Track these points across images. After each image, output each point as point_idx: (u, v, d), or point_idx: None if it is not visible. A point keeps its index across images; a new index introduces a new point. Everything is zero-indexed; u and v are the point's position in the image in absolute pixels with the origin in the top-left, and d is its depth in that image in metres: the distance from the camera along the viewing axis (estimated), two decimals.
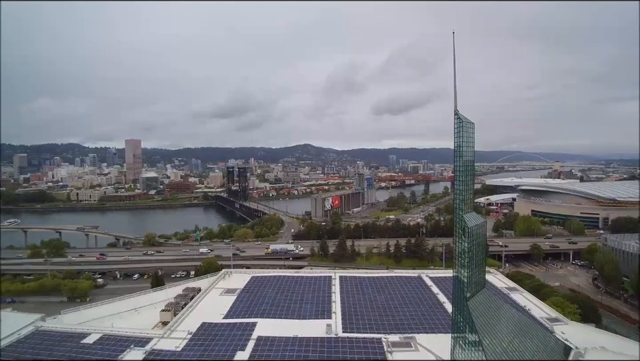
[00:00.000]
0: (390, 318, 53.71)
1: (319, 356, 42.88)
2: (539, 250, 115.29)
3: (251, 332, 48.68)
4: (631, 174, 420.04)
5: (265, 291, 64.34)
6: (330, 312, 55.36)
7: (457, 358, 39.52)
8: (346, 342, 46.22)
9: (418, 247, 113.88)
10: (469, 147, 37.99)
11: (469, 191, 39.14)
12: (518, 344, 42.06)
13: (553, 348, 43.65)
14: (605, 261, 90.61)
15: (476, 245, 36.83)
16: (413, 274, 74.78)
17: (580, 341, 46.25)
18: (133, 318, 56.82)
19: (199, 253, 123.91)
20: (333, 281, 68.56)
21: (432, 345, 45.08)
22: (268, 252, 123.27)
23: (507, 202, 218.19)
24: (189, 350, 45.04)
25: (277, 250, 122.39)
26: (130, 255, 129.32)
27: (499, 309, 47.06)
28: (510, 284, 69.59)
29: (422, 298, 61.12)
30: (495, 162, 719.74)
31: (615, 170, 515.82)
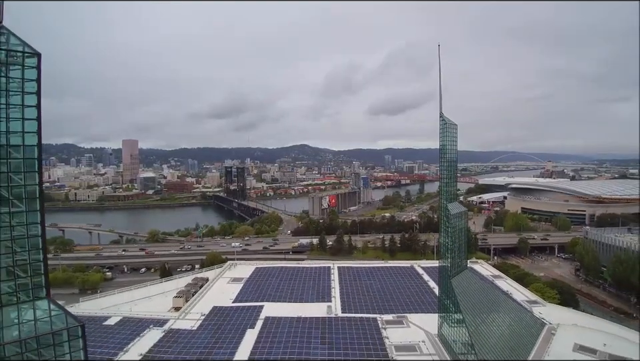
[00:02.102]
0: (384, 301, 59.12)
1: (320, 333, 48.03)
2: (526, 244, 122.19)
3: (259, 313, 53.81)
4: (622, 173, 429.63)
5: (269, 279, 69.42)
6: (330, 296, 60.66)
7: (444, 332, 45.21)
8: (345, 321, 51.48)
9: (411, 241, 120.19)
10: (452, 146, 43.90)
11: (452, 184, 45.08)
12: (497, 319, 47.77)
13: (528, 323, 49.26)
14: (585, 252, 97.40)
15: (458, 230, 42.43)
16: (406, 264, 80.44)
17: (555, 319, 51.83)
18: (147, 304, 61.02)
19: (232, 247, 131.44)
20: (332, 271, 73.82)
21: (422, 323, 50.51)
22: (295, 245, 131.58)
23: (499, 200, 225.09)
24: (204, 328, 50.04)
25: (304, 244, 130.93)
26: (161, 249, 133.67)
27: (481, 289, 52.77)
28: (495, 273, 75.38)
29: (414, 285, 66.65)
30: (489, 162, 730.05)
31: (607, 170, 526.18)
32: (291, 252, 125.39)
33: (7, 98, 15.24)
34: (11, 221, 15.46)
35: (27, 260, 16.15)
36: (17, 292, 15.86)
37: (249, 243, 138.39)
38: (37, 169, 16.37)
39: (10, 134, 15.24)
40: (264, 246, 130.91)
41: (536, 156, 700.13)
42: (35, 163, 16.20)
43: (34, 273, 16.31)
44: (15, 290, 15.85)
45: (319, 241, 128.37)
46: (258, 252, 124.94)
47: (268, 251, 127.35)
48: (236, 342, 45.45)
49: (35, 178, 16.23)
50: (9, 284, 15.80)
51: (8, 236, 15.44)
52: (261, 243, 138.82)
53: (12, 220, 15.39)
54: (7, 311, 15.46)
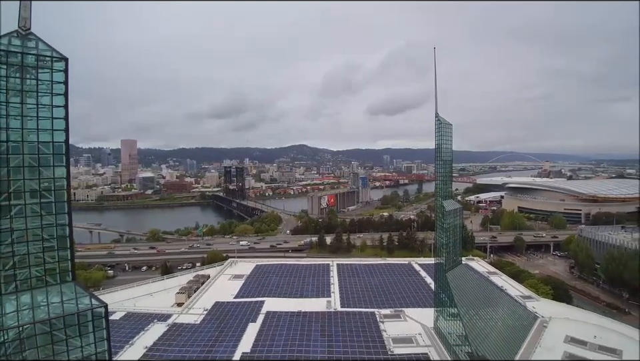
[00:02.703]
0: (382, 296, 60.63)
1: (320, 326, 49.46)
2: (522, 242, 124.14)
3: (260, 308, 55.23)
4: (620, 173, 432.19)
5: (269, 276, 70.81)
6: (329, 292, 62.14)
7: (440, 325, 46.77)
8: (344, 315, 52.95)
9: (409, 240, 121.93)
10: (448, 145, 45.56)
11: (448, 182, 46.71)
12: (491, 312, 49.37)
13: (521, 317, 50.89)
14: (579, 249, 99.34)
15: (453, 225, 43.99)
16: (404, 261, 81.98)
17: (548, 313, 53.46)
18: (149, 301, 62.06)
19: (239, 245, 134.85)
20: (331, 268, 75.27)
21: (419, 316, 52.06)
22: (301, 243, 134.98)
23: (496, 200, 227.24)
24: (207, 323, 51.40)
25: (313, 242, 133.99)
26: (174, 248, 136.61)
27: (476, 285, 54.41)
28: (491, 269, 77.06)
29: (411, 281, 68.20)
30: (487, 162, 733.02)
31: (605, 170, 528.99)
32: (290, 251, 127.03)
33: (37, 99, 16.70)
34: (40, 211, 16.86)
35: (55, 247, 17.56)
36: (45, 276, 17.28)
37: (257, 242, 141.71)
38: (65, 164, 17.75)
39: (40, 131, 16.70)
40: (271, 245, 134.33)
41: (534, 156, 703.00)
42: (63, 158, 17.59)
43: (61, 259, 17.73)
44: (43, 275, 17.28)
45: (318, 239, 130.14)
46: (265, 250, 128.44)
47: (275, 249, 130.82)
48: (238, 335, 46.86)
49: (63, 172, 17.61)
50: (38, 268, 17.23)
51: (38, 225, 16.86)
52: (268, 242, 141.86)
53: (41, 210, 16.78)
54: (36, 293, 16.86)
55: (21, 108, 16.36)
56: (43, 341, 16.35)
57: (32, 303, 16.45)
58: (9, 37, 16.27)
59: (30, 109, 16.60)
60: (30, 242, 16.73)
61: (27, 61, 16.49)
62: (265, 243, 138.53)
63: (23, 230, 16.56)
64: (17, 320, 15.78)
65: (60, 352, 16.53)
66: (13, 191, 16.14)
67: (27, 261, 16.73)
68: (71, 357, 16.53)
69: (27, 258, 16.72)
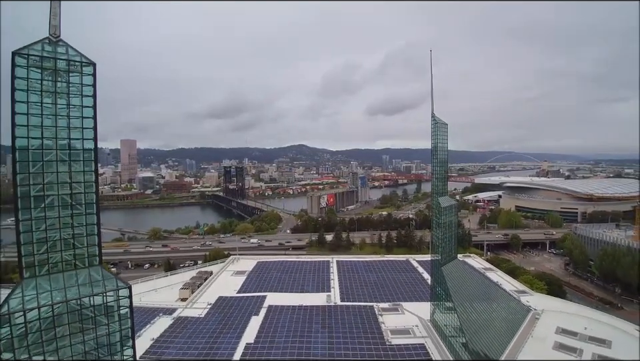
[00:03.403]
0: (381, 291, 62.39)
1: (321, 319, 51.17)
2: (518, 240, 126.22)
3: (262, 302, 56.93)
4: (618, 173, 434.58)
5: (271, 272, 72.49)
6: (329, 287, 63.86)
7: (436, 318, 48.55)
8: (344, 309, 54.69)
9: (407, 238, 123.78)
10: (443, 144, 47.35)
11: (443, 179, 48.48)
12: (486, 306, 51.14)
13: (515, 309, 52.67)
14: (574, 247, 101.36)
15: (448, 221, 45.75)
16: (402, 258, 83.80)
17: (541, 307, 55.24)
18: (154, 296, 63.68)
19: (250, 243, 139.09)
20: (331, 264, 76.97)
21: (416, 310, 53.86)
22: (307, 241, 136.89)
23: (493, 199, 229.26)
24: (211, 316, 53.07)
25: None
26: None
27: (472, 280, 56.18)
28: (487, 265, 78.88)
29: (409, 276, 69.96)
30: (486, 162, 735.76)
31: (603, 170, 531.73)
32: (290, 248, 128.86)
33: (68, 100, 18.35)
34: (71, 201, 18.49)
35: (84, 234, 19.20)
36: (75, 260, 18.92)
37: (269, 240, 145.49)
38: (93, 159, 19.39)
39: (71, 129, 18.36)
40: (279, 242, 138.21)
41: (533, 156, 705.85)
42: (92, 154, 19.25)
43: (89, 245, 19.41)
44: (73, 259, 18.94)
45: (318, 238, 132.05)
46: (274, 247, 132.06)
47: (284, 246, 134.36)
48: (242, 328, 48.56)
49: (91, 166, 19.27)
50: (68, 253, 18.88)
51: (68, 214, 18.50)
52: (277, 239, 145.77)
53: (72, 200, 18.41)
54: (67, 275, 18.49)
55: (54, 108, 18.08)
56: (73, 318, 18.02)
57: (63, 284, 18.13)
58: (42, 44, 17.95)
59: (62, 109, 18.30)
60: (61, 229, 18.45)
61: (59, 66, 18.18)
62: (274, 241, 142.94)
63: (55, 218, 18.24)
64: (51, 299, 17.47)
65: (88, 328, 18.24)
66: (47, 183, 17.87)
67: (59, 246, 18.45)
68: (98, 333, 18.26)
69: (58, 243, 18.43)
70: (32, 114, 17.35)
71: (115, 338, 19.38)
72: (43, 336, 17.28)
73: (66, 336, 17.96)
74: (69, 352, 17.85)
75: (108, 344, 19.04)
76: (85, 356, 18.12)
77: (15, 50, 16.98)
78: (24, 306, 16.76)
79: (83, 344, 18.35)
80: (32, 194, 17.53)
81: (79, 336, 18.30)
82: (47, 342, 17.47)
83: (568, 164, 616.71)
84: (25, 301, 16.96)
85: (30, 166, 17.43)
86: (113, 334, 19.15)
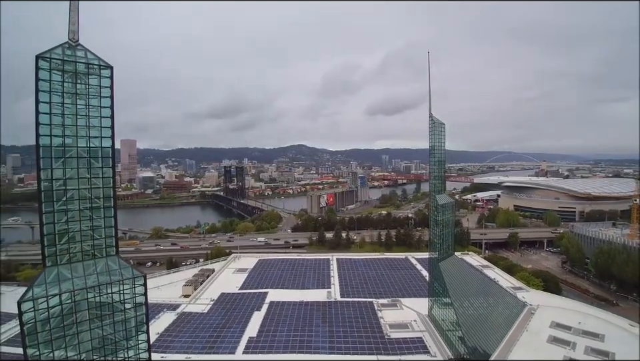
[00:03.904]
0: (380, 287, 63.70)
1: (321, 314, 52.44)
2: (515, 238, 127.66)
3: (264, 298, 58.20)
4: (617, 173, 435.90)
5: (272, 270, 73.74)
6: (329, 283, 65.16)
7: (434, 313, 49.84)
8: (344, 304, 55.95)
9: (407, 236, 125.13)
10: (441, 143, 48.66)
11: (441, 177, 49.78)
12: (483, 301, 52.44)
13: (511, 304, 53.94)
14: (571, 245, 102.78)
15: (445, 218, 47.00)
16: (401, 256, 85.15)
17: (537, 302, 56.53)
18: (157, 293, 64.39)
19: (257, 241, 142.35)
20: (331, 262, 78.26)
21: (414, 305, 55.18)
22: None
23: (492, 199, 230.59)
24: (214, 312, 54.32)
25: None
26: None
27: (469, 276, 57.46)
28: (484, 263, 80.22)
29: (407, 273, 71.28)
30: (485, 162, 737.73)
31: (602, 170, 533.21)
32: (291, 247, 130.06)
33: (87, 101, 19.55)
34: (91, 195, 19.71)
35: (102, 226, 20.42)
36: (94, 250, 20.14)
37: (277, 238, 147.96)
38: (111, 156, 20.60)
39: (90, 128, 19.56)
40: (285, 241, 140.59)
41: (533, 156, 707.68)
42: (109, 151, 20.45)
43: (106, 236, 20.65)
44: (92, 249, 20.15)
45: (318, 236, 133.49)
46: (281, 246, 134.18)
47: (289, 244, 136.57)
48: (245, 322, 49.83)
49: (109, 163, 20.49)
50: (88, 243, 20.09)
51: (88, 207, 19.71)
52: (283, 238, 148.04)
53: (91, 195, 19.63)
54: (86, 265, 19.69)
55: (74, 109, 19.27)
56: (91, 304, 19.25)
57: (83, 272, 19.32)
58: (62, 48, 19.11)
59: (81, 109, 19.49)
60: (81, 221, 19.66)
61: (79, 69, 19.37)
62: (282, 239, 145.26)
63: (75, 211, 19.42)
64: (72, 286, 18.66)
65: (105, 314, 19.45)
66: (68, 178, 19.07)
67: (78, 237, 19.66)
68: (115, 319, 19.50)
69: (78, 234, 19.63)
70: (54, 114, 18.58)
71: (131, 323, 20.65)
72: (64, 321, 18.49)
73: (85, 321, 19.20)
74: (87, 336, 19.10)
75: (124, 329, 20.28)
76: (102, 340, 19.37)
77: (39, 54, 18.21)
78: (47, 293, 17.98)
79: (101, 328, 19.58)
80: (54, 189, 18.77)
81: (97, 321, 19.55)
82: (68, 327, 18.69)
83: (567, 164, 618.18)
84: (47, 288, 18.18)
85: (52, 162, 18.70)
86: (128, 320, 20.41)
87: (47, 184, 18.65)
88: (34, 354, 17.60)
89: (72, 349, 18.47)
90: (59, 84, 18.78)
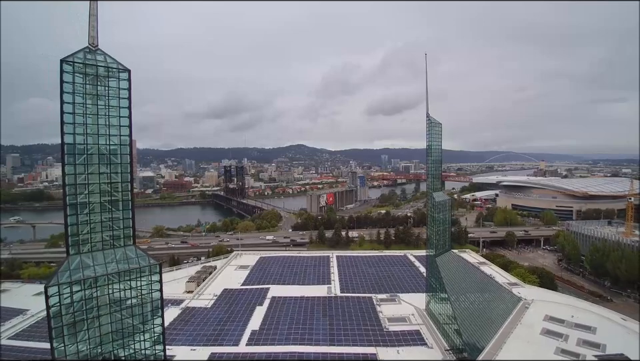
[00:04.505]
0: (379, 283, 65.16)
1: (322, 308, 53.92)
2: (513, 236, 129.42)
3: (266, 294, 59.67)
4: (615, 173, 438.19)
5: (273, 266, 75.20)
6: (329, 280, 66.64)
7: (431, 307, 51.37)
8: (343, 300, 57.45)
9: (405, 234, 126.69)
10: (438, 143, 50.17)
11: (438, 176, 51.39)
12: (478, 296, 53.97)
13: (506, 299, 55.49)
14: (567, 242, 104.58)
15: (442, 215, 48.56)
16: (400, 253, 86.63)
17: (531, 297, 58.07)
18: None
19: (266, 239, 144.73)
20: (331, 259, 79.71)
21: (412, 300, 56.72)
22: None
23: (490, 198, 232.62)
24: (217, 306, 55.76)
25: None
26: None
27: (466, 272, 59.06)
28: (481, 260, 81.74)
29: (406, 270, 72.81)
30: (484, 162, 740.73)
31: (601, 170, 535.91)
32: (291, 245, 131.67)
33: (107, 102, 21.03)
34: (110, 189, 21.14)
35: (120, 217, 21.92)
36: (113, 240, 21.61)
37: (287, 236, 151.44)
38: (129, 153, 22.09)
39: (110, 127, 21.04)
40: (291, 239, 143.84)
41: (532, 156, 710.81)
42: (127, 148, 21.93)
43: (125, 227, 22.17)
44: (111, 238, 21.63)
45: (318, 234, 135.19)
46: (286, 243, 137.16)
47: (296, 242, 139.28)
48: (247, 316, 51.30)
49: (127, 159, 21.99)
50: (108, 234, 21.56)
51: (107, 199, 21.17)
52: (289, 236, 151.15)
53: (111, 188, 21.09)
54: (106, 253, 21.16)
55: (95, 109, 20.73)
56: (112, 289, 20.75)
57: (103, 260, 20.80)
58: (84, 52, 20.57)
59: (101, 110, 20.97)
60: (102, 213, 21.14)
61: (99, 72, 20.83)
62: (289, 237, 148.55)
63: (96, 203, 20.88)
64: (94, 272, 20.10)
65: (124, 298, 20.96)
66: (90, 173, 20.55)
67: (99, 228, 21.13)
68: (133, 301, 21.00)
69: (99, 225, 21.10)
70: (77, 114, 20.02)
71: (147, 308, 22.16)
72: (86, 305, 19.96)
73: (105, 306, 20.66)
74: (107, 319, 20.57)
75: (141, 313, 21.80)
76: (121, 323, 20.87)
77: (63, 58, 19.65)
78: (71, 278, 19.41)
79: (119, 312, 21.05)
80: (77, 183, 20.21)
81: (116, 305, 21.04)
82: (89, 310, 20.17)
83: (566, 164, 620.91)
84: (71, 274, 19.60)
85: (75, 158, 20.15)
86: (145, 305, 21.89)
87: (71, 179, 20.11)
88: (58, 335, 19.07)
89: (93, 331, 19.95)
90: (81, 87, 20.25)
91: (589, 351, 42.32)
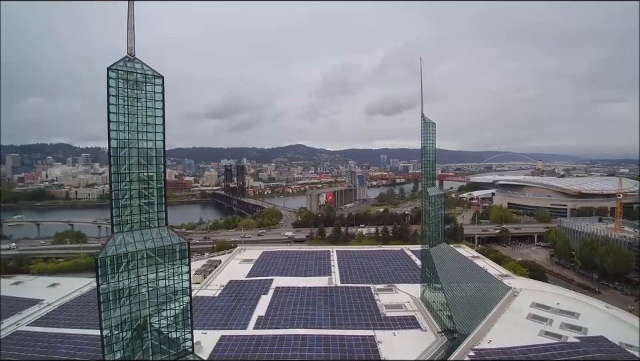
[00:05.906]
0: (377, 275, 68.74)
1: (323, 297, 57.38)
2: (507, 233, 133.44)
3: (270, 284, 63.14)
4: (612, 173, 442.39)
5: (276, 260, 78.70)
6: (330, 272, 70.19)
7: (426, 296, 54.96)
8: (343, 289, 60.95)
9: (403, 231, 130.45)
10: (432, 142, 53.74)
11: (432, 172, 55.00)
12: (470, 285, 57.52)
13: (496, 287, 59.02)
14: (558, 238, 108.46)
15: (435, 208, 52.16)
16: (397, 248, 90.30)
17: (521, 287, 61.64)
18: None
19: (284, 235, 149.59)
20: (331, 253, 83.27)
21: (408, 290, 60.28)
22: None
23: (487, 197, 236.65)
24: (224, 296, 59.17)
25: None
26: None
27: (459, 264, 62.56)
28: (475, 254, 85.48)
29: (403, 263, 76.43)
30: (483, 161, 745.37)
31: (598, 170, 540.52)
32: (292, 241, 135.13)
33: (145, 104, 24.52)
34: (147, 178, 24.64)
35: (155, 202, 25.44)
36: (149, 221, 25.13)
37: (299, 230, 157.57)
38: (162, 147, 25.66)
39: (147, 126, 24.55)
40: (306, 235, 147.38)
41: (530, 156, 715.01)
42: (162, 143, 25.50)
43: (158, 210, 25.72)
44: (147, 219, 25.15)
45: (318, 231, 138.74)
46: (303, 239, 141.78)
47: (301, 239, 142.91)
48: (253, 304, 54.73)
49: (161, 152, 25.51)
50: (144, 215, 25.06)
51: (144, 187, 24.65)
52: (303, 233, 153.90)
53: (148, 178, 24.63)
54: (143, 232, 24.66)
55: (135, 110, 24.20)
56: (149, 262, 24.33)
57: (142, 237, 24.29)
58: (124, 61, 24.05)
59: (140, 110, 24.45)
60: (140, 198, 24.69)
61: (138, 78, 24.28)
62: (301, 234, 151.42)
63: (135, 190, 24.37)
64: (135, 248, 23.60)
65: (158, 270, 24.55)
66: (130, 164, 24.08)
67: (137, 211, 24.66)
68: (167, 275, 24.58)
69: (137, 208, 24.63)
70: (120, 113, 23.52)
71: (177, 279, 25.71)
72: (129, 275, 23.43)
73: (143, 277, 24.17)
74: (145, 288, 24.05)
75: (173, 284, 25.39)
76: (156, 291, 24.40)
77: (109, 66, 23.16)
78: (116, 251, 22.85)
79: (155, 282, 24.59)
80: (120, 172, 23.71)
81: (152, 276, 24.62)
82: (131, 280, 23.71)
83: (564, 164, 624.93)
84: (116, 249, 23.04)
85: (118, 152, 23.66)
86: (176, 276, 25.52)
87: (116, 169, 23.67)
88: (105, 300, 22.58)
89: (134, 298, 23.45)
90: (123, 91, 23.71)
91: (570, 333, 45.79)
